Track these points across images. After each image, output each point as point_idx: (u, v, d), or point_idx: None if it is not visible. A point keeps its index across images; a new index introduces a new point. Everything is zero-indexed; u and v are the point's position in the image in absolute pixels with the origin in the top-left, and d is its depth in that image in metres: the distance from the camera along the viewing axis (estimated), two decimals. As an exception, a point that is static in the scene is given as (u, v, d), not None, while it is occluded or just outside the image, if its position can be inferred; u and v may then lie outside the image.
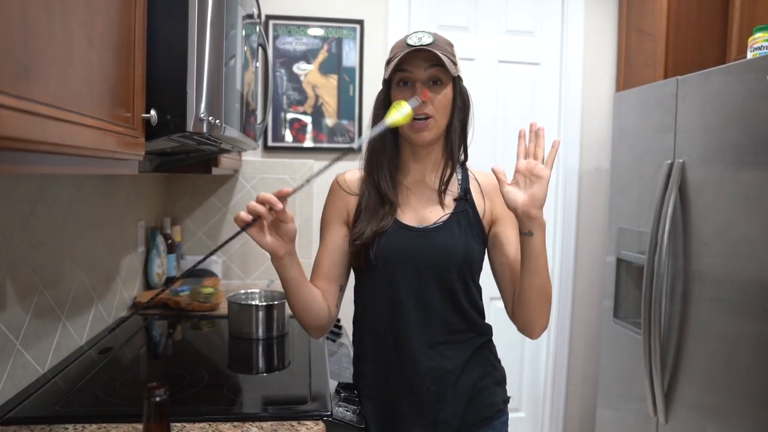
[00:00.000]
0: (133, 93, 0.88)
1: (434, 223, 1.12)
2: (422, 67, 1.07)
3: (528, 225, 1.01)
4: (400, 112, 1.02)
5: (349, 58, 2.42)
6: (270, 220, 0.95)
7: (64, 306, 1.37)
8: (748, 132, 1.53)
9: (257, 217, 0.92)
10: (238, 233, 0.93)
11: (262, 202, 0.92)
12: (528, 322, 1.10)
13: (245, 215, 0.92)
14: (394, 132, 1.15)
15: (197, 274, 2.26)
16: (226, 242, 0.95)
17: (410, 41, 1.07)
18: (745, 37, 1.90)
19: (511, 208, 1.02)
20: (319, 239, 1.19)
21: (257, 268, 2.43)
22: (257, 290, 1.81)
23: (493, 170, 1.04)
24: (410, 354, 1.10)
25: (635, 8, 2.44)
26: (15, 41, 0.55)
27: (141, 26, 0.91)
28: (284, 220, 0.95)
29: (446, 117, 1.12)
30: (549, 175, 1.01)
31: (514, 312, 1.12)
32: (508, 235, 1.15)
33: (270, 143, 2.40)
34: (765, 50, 1.63)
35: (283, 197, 0.92)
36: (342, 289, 1.17)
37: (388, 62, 1.10)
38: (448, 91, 1.10)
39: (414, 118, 1.07)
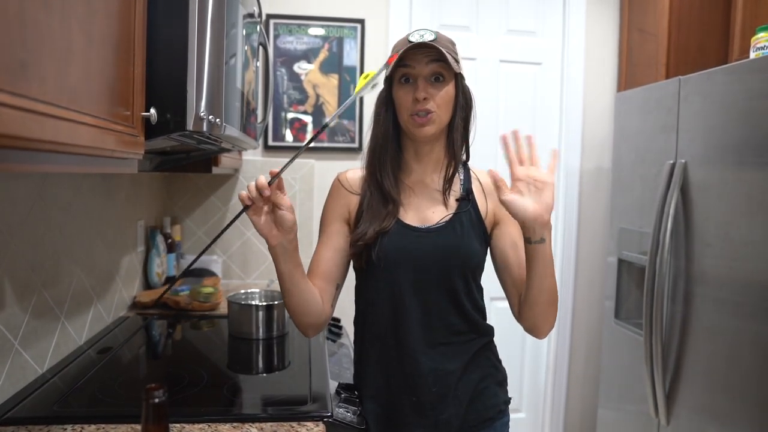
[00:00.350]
0: (132, 91, 0.88)
1: (436, 223, 1.11)
2: (424, 62, 1.06)
3: (540, 232, 0.97)
4: (369, 82, 1.02)
5: (350, 58, 2.41)
6: (262, 205, 0.99)
7: (63, 305, 1.36)
8: (750, 132, 1.52)
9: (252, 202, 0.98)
10: (240, 213, 1.01)
11: (257, 187, 0.97)
12: (536, 324, 1.09)
13: (245, 195, 0.98)
14: (396, 131, 1.15)
15: (197, 273, 2.25)
16: (232, 222, 1.03)
17: (412, 38, 1.06)
18: (747, 37, 1.89)
19: (520, 218, 0.97)
20: (318, 238, 1.18)
21: (257, 267, 2.42)
22: (257, 290, 1.80)
23: (491, 175, 0.98)
24: (411, 354, 1.09)
25: (637, 8, 2.43)
26: (13, 38, 0.55)
27: (141, 24, 0.90)
28: (278, 206, 0.98)
29: (448, 113, 1.11)
30: (554, 181, 0.98)
31: (521, 314, 1.11)
32: (512, 236, 1.14)
33: (270, 142, 2.40)
34: (768, 50, 1.62)
35: (272, 178, 0.97)
36: (338, 288, 1.16)
37: (390, 59, 1.09)
38: (450, 88, 1.09)
39: (415, 114, 1.07)
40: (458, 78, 1.11)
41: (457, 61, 1.08)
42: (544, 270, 1.01)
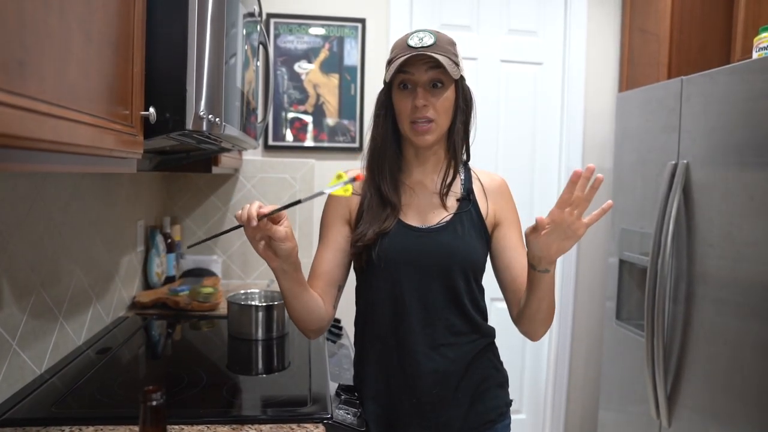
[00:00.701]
0: (131, 90, 0.87)
1: (437, 223, 1.11)
2: (423, 69, 1.05)
3: (546, 265, 0.97)
4: (339, 184, 0.91)
5: (351, 57, 2.41)
6: (254, 233, 0.94)
7: (62, 306, 1.36)
8: (753, 132, 1.52)
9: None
10: (236, 227, 0.98)
11: (246, 217, 0.92)
12: (530, 332, 1.10)
13: (240, 215, 0.94)
14: (396, 134, 1.14)
15: (197, 273, 2.25)
16: (228, 231, 1.02)
17: (411, 42, 1.05)
18: (749, 37, 1.89)
19: (536, 254, 0.95)
20: (318, 239, 1.18)
21: (257, 268, 2.41)
22: (257, 290, 1.80)
23: (537, 221, 0.92)
24: (412, 355, 1.09)
25: (638, 8, 2.42)
26: (11, 36, 0.54)
27: (140, 22, 0.90)
28: (273, 238, 0.95)
29: (448, 119, 1.10)
30: (583, 235, 0.94)
31: (517, 321, 1.11)
32: (513, 238, 1.14)
33: (270, 142, 2.39)
34: (770, 50, 1.61)
35: (260, 217, 0.92)
36: (340, 289, 1.16)
37: (389, 63, 1.08)
38: (449, 94, 1.08)
39: (415, 123, 1.07)
40: (459, 81, 1.10)
41: (457, 64, 1.07)
42: (543, 294, 1.01)
